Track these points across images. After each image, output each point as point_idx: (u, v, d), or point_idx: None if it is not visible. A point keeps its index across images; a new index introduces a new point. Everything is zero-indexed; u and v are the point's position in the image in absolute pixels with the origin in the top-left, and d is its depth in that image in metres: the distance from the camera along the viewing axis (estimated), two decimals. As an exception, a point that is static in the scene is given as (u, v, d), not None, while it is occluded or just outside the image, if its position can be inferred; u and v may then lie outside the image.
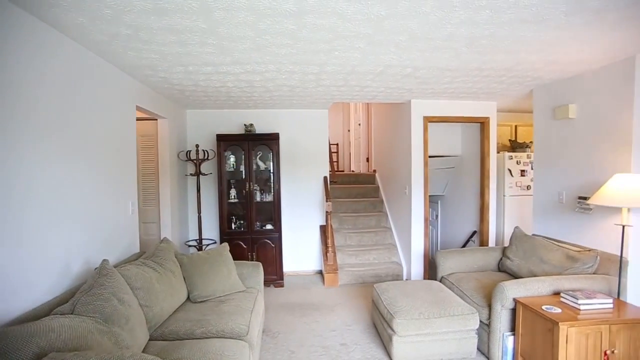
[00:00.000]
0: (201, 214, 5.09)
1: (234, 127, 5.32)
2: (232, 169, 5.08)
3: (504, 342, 2.89)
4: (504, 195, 4.99)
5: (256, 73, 3.41)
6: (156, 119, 4.50)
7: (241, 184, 5.02)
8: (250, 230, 4.94)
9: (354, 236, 5.62)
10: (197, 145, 4.97)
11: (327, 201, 5.15)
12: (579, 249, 3.27)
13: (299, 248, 5.59)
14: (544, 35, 2.52)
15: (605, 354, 2.43)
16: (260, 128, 5.33)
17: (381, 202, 6.25)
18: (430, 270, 4.69)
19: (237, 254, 4.76)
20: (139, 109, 3.69)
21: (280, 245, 4.99)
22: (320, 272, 5.52)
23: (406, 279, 5.08)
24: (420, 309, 2.98)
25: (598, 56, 3.02)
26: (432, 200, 6.34)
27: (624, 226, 2.80)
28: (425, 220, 4.86)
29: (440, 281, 3.83)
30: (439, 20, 2.23)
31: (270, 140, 4.94)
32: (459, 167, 5.71)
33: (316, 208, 5.61)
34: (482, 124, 4.94)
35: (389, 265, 5.17)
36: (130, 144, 3.42)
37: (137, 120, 3.60)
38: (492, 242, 5.01)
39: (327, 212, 5.13)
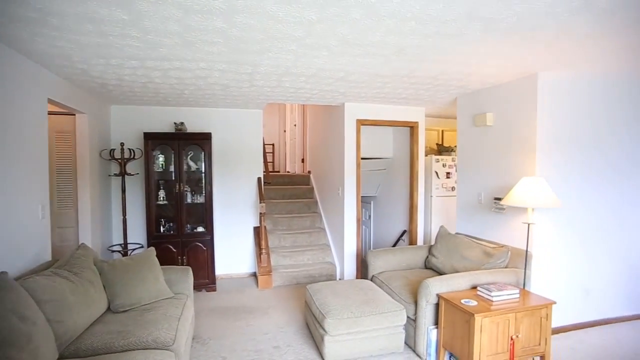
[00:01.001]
0: (126, 217, 4.77)
1: (164, 125, 5.06)
2: (161, 169, 4.82)
3: (429, 335, 3.07)
4: (431, 196, 5.30)
5: (186, 70, 3.27)
6: (74, 114, 4.13)
7: (171, 185, 4.79)
8: (181, 233, 4.73)
9: (289, 237, 5.62)
10: (122, 144, 4.65)
11: (260, 202, 5.09)
12: (494, 246, 3.57)
13: (232, 250, 5.47)
14: (463, 49, 2.71)
15: (512, 338, 2.67)
16: (191, 127, 5.13)
17: (315, 203, 6.33)
18: (363, 269, 4.83)
19: (167, 259, 4.53)
20: (51, 102, 3.36)
21: (213, 248, 4.83)
22: (254, 275, 5.45)
23: (339, 279, 5.19)
24: (351, 308, 3.05)
25: (509, 71, 3.31)
26: (365, 201, 6.55)
27: (529, 224, 3.11)
28: (358, 220, 5.00)
29: (371, 280, 3.96)
30: (368, 27, 2.30)
31: (202, 140, 4.77)
32: (390, 169, 5.96)
33: (250, 209, 5.53)
34: (412, 128, 5.21)
35: (323, 266, 5.25)
36: (40, 140, 3.10)
37: (52, 114, 3.27)
38: (420, 241, 5.30)
39: (260, 213, 5.07)
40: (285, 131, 9.61)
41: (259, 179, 5.50)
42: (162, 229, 4.78)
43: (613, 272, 3.81)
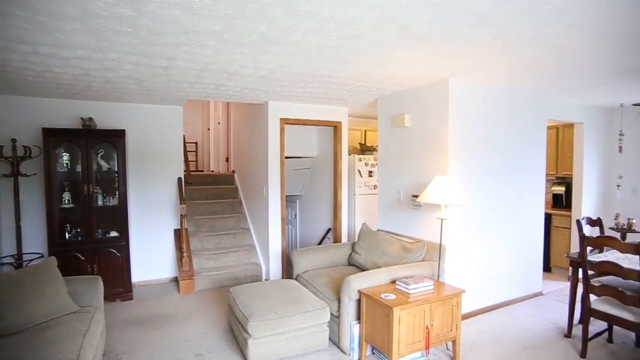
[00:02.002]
0: (21, 223, 4.22)
1: (69, 120, 4.55)
2: (67, 169, 4.35)
3: (352, 330, 3.15)
4: (354, 194, 5.46)
5: (93, 61, 2.97)
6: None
7: (78, 187, 4.33)
8: (90, 239, 4.31)
9: (212, 239, 5.42)
10: (13, 140, 4.10)
11: (181, 204, 4.84)
12: (412, 241, 3.78)
13: (151, 255, 5.13)
14: (381, 52, 2.81)
15: (427, 327, 2.85)
16: (102, 123, 4.69)
17: (240, 203, 6.18)
18: (288, 269, 4.83)
19: (73, 268, 4.09)
20: None
21: (128, 253, 4.48)
22: (176, 280, 5.17)
23: (265, 279, 5.13)
24: (275, 309, 3.02)
25: (425, 75, 3.52)
26: (290, 200, 6.55)
27: (442, 220, 3.33)
28: (283, 220, 4.99)
29: (296, 279, 3.96)
30: (288, 26, 2.28)
31: (114, 138, 4.39)
32: (315, 168, 6.03)
33: (170, 211, 5.22)
34: (335, 127, 5.31)
35: (248, 267, 5.15)
36: None
37: None
38: (345, 238, 5.43)
39: (181, 215, 4.82)
40: (209, 129, 9.24)
41: (179, 179, 5.22)
42: (67, 236, 4.31)
43: (511, 260, 4.26)
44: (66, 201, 4.32)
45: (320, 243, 5.82)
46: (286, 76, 3.53)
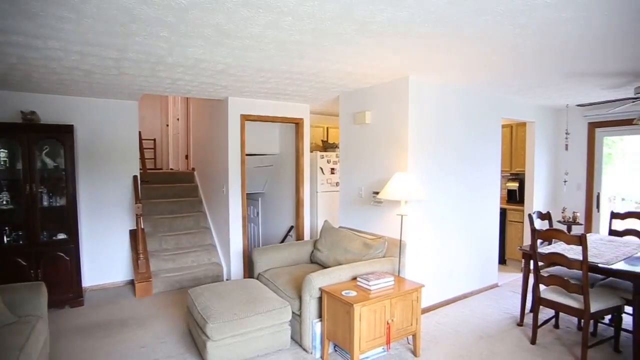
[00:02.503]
0: (-46, 227, 3.87)
1: (5, 113, 4.18)
2: (4, 167, 4.02)
3: (314, 329, 3.12)
4: (317, 192, 5.44)
5: (32, 48, 2.75)
6: None
7: (19, 186, 4.01)
8: (34, 242, 4.01)
9: (171, 239, 5.23)
10: (-58, 136, 3.74)
11: (136, 203, 4.62)
12: (373, 237, 3.80)
13: (105, 257, 4.86)
14: (341, 48, 2.79)
15: (388, 323, 2.88)
16: (47, 117, 4.37)
17: (200, 201, 6.01)
18: (250, 268, 4.74)
19: (14, 275, 3.79)
20: None
21: (78, 256, 4.21)
22: (132, 282, 4.94)
23: (227, 280, 5.01)
24: (235, 310, 2.94)
25: (385, 73, 3.54)
26: (253, 198, 6.45)
27: (402, 216, 3.38)
28: (244, 218, 4.89)
29: (257, 278, 3.89)
30: (245, 19, 2.21)
31: (61, 133, 4.11)
32: (277, 165, 5.96)
33: (124, 211, 4.98)
34: (297, 124, 5.27)
35: (209, 267, 5.01)
36: None
37: None
38: (307, 236, 5.41)
39: (137, 215, 4.61)
40: (167, 125, 8.92)
41: (134, 177, 4.99)
42: (6, 240, 3.99)
43: (469, 254, 4.40)
44: (4, 202, 3.99)
45: (282, 241, 5.76)
46: (246, 71, 3.44)
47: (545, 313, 3.71)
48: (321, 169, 5.46)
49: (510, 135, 5.81)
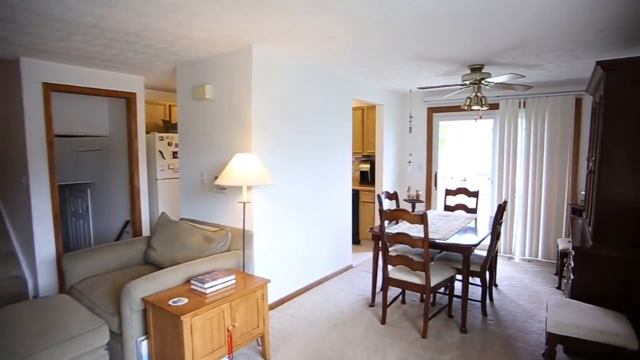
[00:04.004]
0: None
1: None
2: None
3: (139, 349, 2.51)
4: (156, 179, 4.67)
5: None
6: None
7: None
8: None
9: (-57, 251, 3.84)
10: None
11: None
12: (215, 229, 3.31)
13: None
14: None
15: (228, 330, 2.46)
16: None
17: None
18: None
19: None
20: None
21: None
22: None
23: (34, 297, 3.91)
24: (13, 348, 2.14)
25: (225, 40, 3.05)
26: (79, 190, 5.29)
27: (244, 203, 2.96)
28: (55, 216, 3.84)
29: (70, 292, 3.04)
30: None
31: None
32: (108, 149, 4.94)
33: None
34: (128, 99, 4.37)
35: (8, 283, 3.82)
36: None
37: None
38: (146, 231, 4.61)
39: None
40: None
41: None
42: None
43: (323, 237, 4.27)
44: None
45: (118, 239, 4.83)
46: (30, 18, 2.52)
47: (395, 291, 3.80)
48: (161, 152, 4.68)
49: (362, 117, 5.93)
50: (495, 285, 4.13)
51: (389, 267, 3.26)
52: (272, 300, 3.57)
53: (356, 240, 5.79)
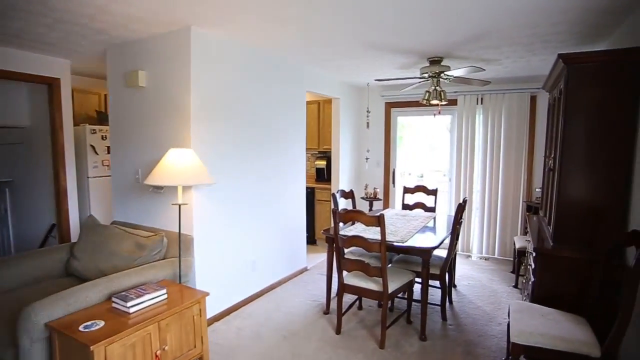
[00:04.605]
0: None
1: None
2: None
3: (48, 381, 2.09)
4: (87, 177, 4.14)
5: None
6: None
7: None
8: None
9: None
10: None
11: None
12: (150, 234, 2.90)
13: None
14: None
15: (157, 355, 2.10)
16: None
17: None
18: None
19: None
20: None
21: None
22: None
23: None
24: None
25: (160, 18, 2.66)
26: (-4, 189, 4.63)
27: (179, 205, 2.57)
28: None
29: (-35, 313, 2.53)
30: None
31: None
32: (30, 143, 4.33)
33: None
34: (50, 85, 3.82)
35: None
36: None
37: None
38: (75, 236, 4.07)
39: None
40: None
41: None
42: None
43: (275, 239, 3.96)
44: None
45: (43, 245, 4.25)
46: None
47: (351, 297, 3.56)
48: (93, 147, 4.16)
49: (318, 112, 5.66)
50: (455, 286, 4.02)
51: (344, 272, 3.02)
52: (217, 311, 3.23)
53: (312, 241, 5.52)
